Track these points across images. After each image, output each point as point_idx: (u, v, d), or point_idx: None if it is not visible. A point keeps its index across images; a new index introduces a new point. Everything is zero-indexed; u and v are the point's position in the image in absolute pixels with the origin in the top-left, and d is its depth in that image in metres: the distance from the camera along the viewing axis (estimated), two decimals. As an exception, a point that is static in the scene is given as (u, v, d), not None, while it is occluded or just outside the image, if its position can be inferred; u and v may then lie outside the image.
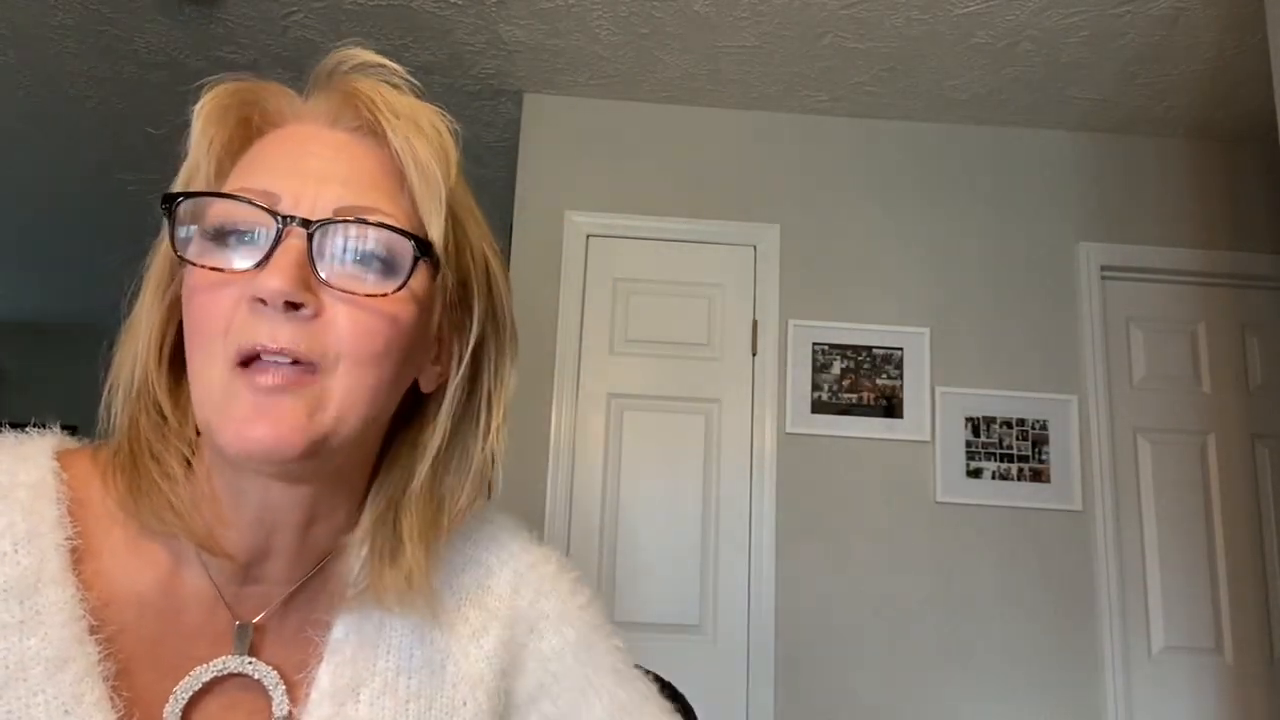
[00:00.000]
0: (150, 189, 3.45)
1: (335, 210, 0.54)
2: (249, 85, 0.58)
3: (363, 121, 0.57)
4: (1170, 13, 2.31)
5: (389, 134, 0.56)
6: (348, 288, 0.53)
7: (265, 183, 0.54)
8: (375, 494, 0.61)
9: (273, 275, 0.51)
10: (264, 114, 0.58)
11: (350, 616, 0.61)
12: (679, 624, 2.52)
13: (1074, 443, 2.65)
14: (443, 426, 0.61)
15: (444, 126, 0.58)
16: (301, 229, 0.52)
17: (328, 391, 0.53)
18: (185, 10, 2.42)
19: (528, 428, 2.56)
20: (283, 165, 0.55)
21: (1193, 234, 2.83)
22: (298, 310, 0.52)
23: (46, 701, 0.51)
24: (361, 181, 0.55)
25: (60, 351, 5.53)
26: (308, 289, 0.52)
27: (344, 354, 0.53)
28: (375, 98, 0.57)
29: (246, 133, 0.58)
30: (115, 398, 0.58)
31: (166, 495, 0.55)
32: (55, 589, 0.53)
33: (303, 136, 0.57)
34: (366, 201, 0.55)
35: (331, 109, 0.58)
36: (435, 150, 0.57)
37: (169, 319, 0.58)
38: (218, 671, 0.57)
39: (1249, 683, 2.61)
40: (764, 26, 2.43)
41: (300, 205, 0.53)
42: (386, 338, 0.54)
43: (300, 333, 0.52)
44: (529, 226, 2.72)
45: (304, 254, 0.52)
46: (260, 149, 0.57)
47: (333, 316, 0.53)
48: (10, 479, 0.55)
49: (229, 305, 0.52)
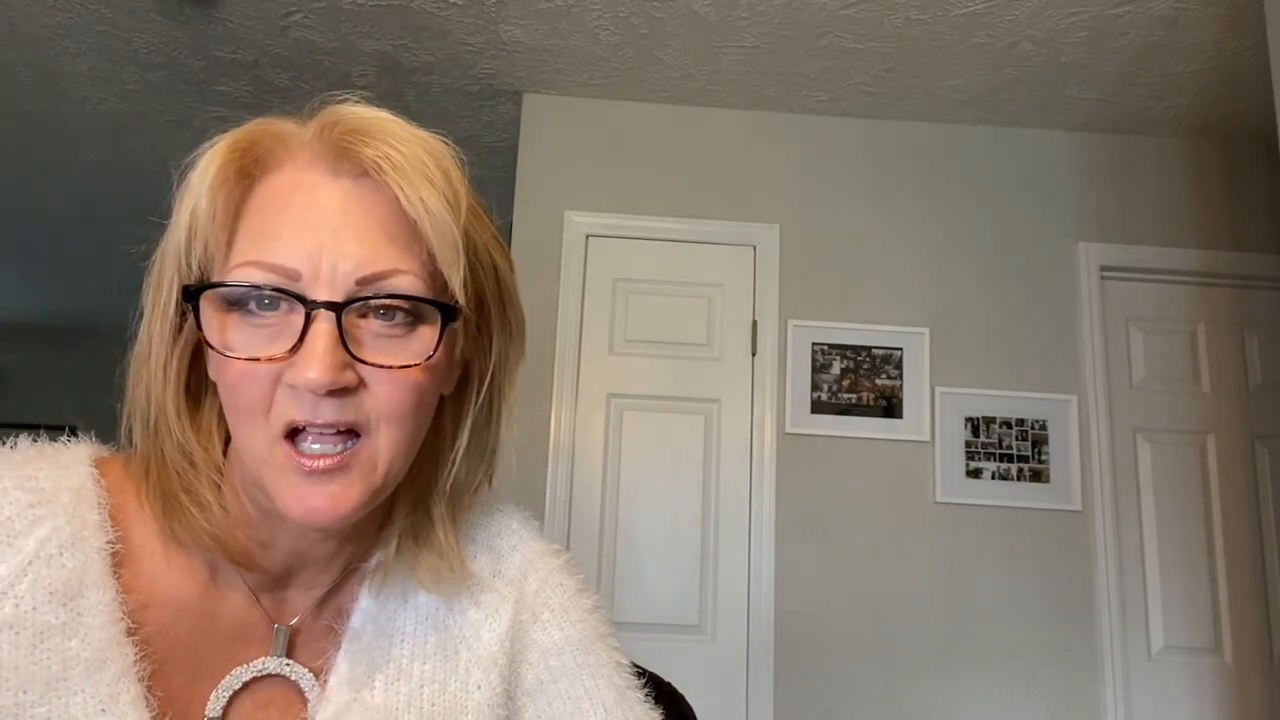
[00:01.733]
0: (151, 188, 3.45)
1: (357, 281, 0.53)
2: (243, 137, 0.56)
3: (362, 169, 0.55)
4: (1170, 13, 2.31)
5: (399, 196, 0.54)
6: (381, 362, 0.54)
7: (279, 254, 0.53)
8: (404, 496, 0.63)
9: (310, 367, 0.51)
10: (257, 158, 0.56)
11: (367, 605, 0.63)
12: (679, 624, 2.52)
13: (1074, 443, 2.65)
14: (466, 429, 0.64)
15: (450, 163, 0.58)
16: (329, 312, 0.52)
17: (373, 453, 0.55)
18: (185, 10, 2.42)
19: (528, 428, 2.55)
20: (293, 232, 0.54)
21: (1192, 234, 2.83)
22: (340, 393, 0.53)
23: (85, 701, 0.52)
24: (375, 239, 0.54)
25: (60, 351, 5.54)
26: (344, 369, 0.52)
27: (383, 417, 0.55)
28: (380, 161, 0.55)
29: (245, 181, 0.56)
30: (134, 426, 0.58)
31: (202, 523, 0.56)
32: (97, 592, 0.54)
33: (307, 189, 0.55)
34: (386, 264, 0.54)
35: (331, 154, 0.56)
36: (445, 198, 0.55)
37: (183, 355, 0.58)
38: (257, 672, 0.59)
39: (1248, 683, 2.61)
40: (764, 26, 2.43)
41: (320, 279, 0.53)
42: (420, 395, 0.56)
43: (343, 408, 0.53)
44: (529, 226, 2.72)
45: (335, 338, 0.52)
46: (264, 205, 0.55)
47: (369, 386, 0.54)
48: (54, 484, 0.56)
49: (267, 386, 0.53)
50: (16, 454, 0.57)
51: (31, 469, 0.56)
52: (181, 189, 0.56)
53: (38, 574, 0.52)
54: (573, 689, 0.67)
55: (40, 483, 0.55)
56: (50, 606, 0.52)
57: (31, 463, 0.56)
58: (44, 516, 0.54)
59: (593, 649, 0.68)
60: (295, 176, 0.56)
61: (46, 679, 0.51)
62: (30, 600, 0.52)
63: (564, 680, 0.67)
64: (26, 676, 0.51)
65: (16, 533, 0.53)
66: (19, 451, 0.57)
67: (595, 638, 0.69)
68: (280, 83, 2.75)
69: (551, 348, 2.63)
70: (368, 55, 2.60)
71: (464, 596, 0.66)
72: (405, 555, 0.63)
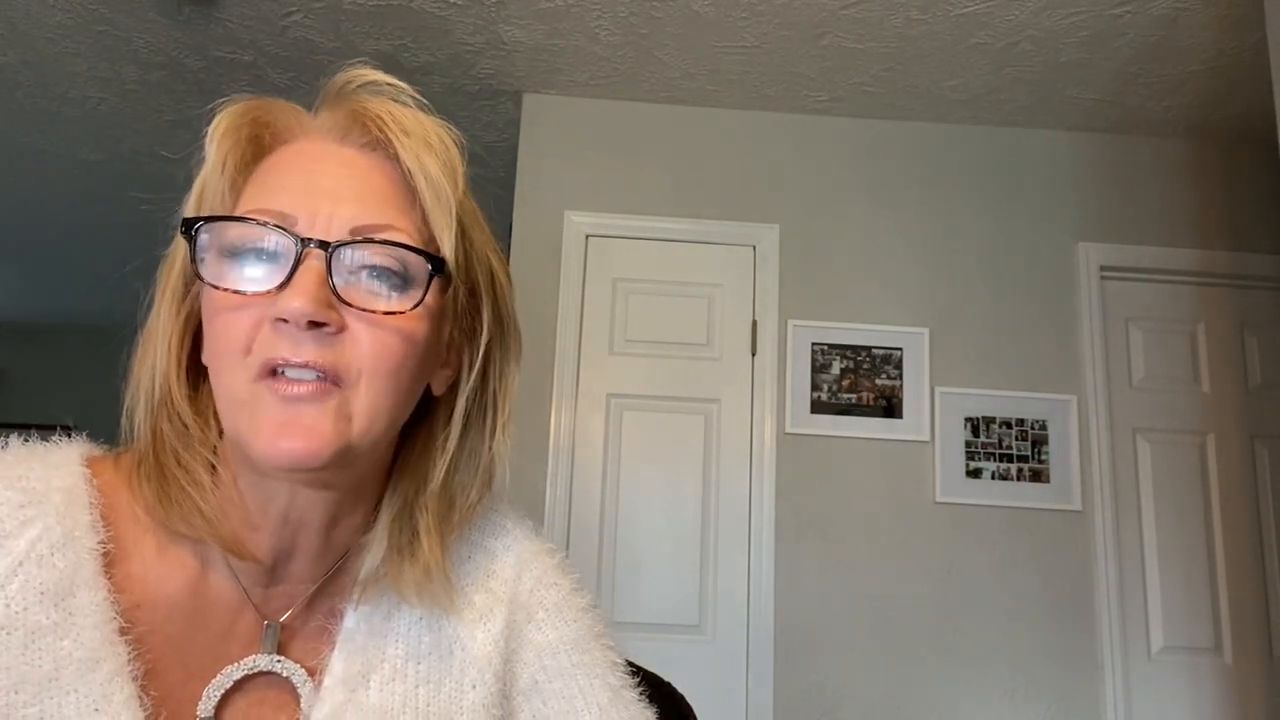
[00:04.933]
0: (150, 190, 3.45)
1: (351, 230, 0.56)
2: (259, 104, 0.60)
3: (371, 138, 0.59)
4: (1170, 13, 2.31)
5: (400, 152, 0.58)
6: (366, 305, 0.55)
7: (281, 203, 0.56)
8: (392, 494, 0.64)
9: (295, 296, 0.52)
10: (274, 131, 0.60)
11: (362, 607, 0.63)
12: (678, 624, 2.52)
13: (1073, 443, 2.65)
14: (456, 429, 0.64)
15: (450, 140, 0.61)
16: (320, 250, 0.54)
17: (351, 404, 0.55)
18: (185, 10, 2.42)
19: (528, 428, 2.56)
20: (297, 185, 0.56)
21: (1192, 234, 2.83)
22: (320, 328, 0.53)
23: (77, 701, 0.52)
24: (374, 198, 0.57)
25: (60, 351, 5.54)
26: (329, 307, 0.54)
27: (364, 369, 0.55)
28: (385, 116, 0.58)
29: (257, 149, 0.60)
30: (136, 408, 0.59)
31: (196, 502, 0.57)
32: (89, 592, 0.54)
33: (314, 153, 0.58)
34: (380, 219, 0.56)
35: (340, 126, 0.59)
36: (444, 165, 0.59)
37: (186, 330, 0.60)
38: (248, 670, 0.59)
39: (1248, 683, 2.61)
40: (764, 26, 2.43)
41: (316, 226, 0.55)
42: (404, 353, 0.57)
43: (323, 348, 0.54)
44: (528, 226, 2.72)
45: (323, 274, 0.54)
46: (272, 166, 0.59)
47: (352, 333, 0.55)
48: (45, 485, 0.56)
49: (250, 325, 0.54)
50: (7, 454, 0.57)
51: (22, 469, 0.56)
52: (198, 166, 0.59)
53: (29, 574, 0.52)
54: (567, 688, 0.67)
55: (31, 483, 0.55)
56: (42, 607, 0.52)
57: (22, 463, 0.56)
58: (35, 517, 0.54)
59: (587, 648, 0.68)
60: (304, 145, 0.59)
61: (38, 679, 0.51)
62: (21, 601, 0.52)
63: (559, 680, 0.67)
64: (18, 677, 0.51)
65: (7, 533, 0.53)
66: (10, 451, 0.57)
67: (590, 637, 0.69)
68: (280, 83, 2.75)
69: (551, 348, 2.63)
70: (368, 55, 2.59)
71: (449, 605, 0.65)
72: (391, 570, 0.62)
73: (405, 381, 0.57)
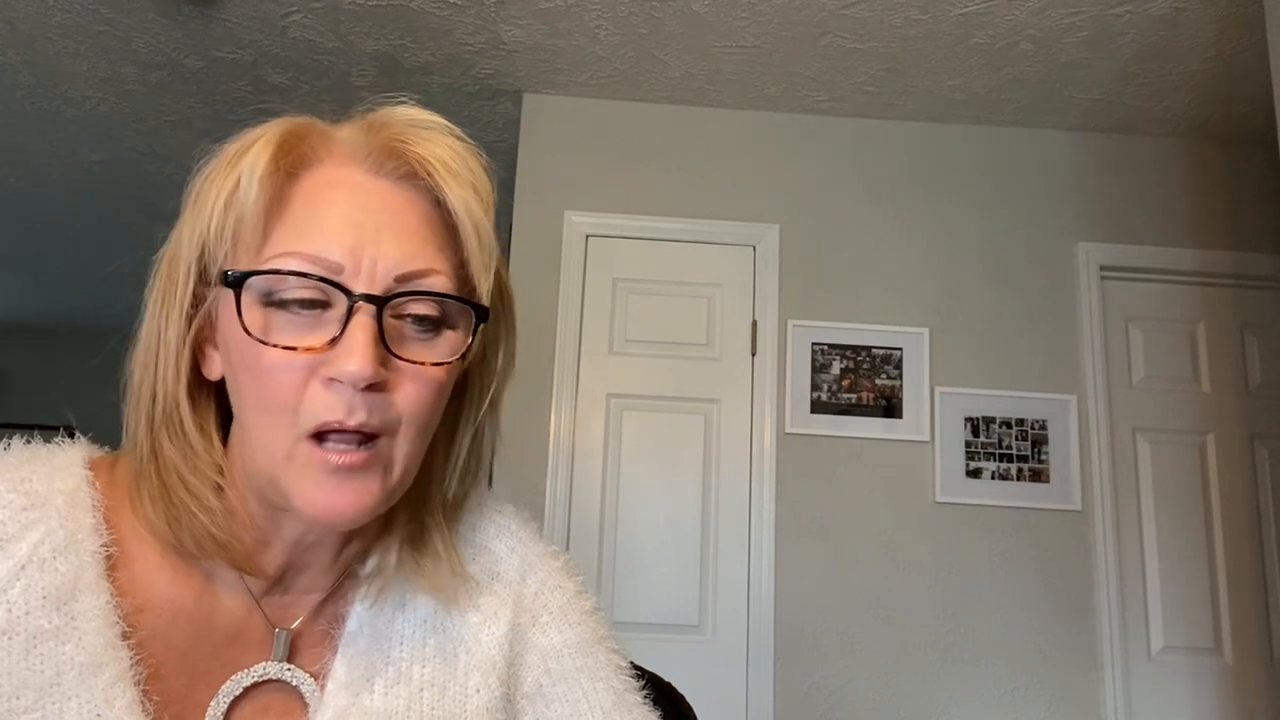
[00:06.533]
0: (151, 188, 3.45)
1: (396, 278, 0.55)
2: (291, 131, 0.57)
3: (406, 170, 0.58)
4: (1170, 13, 2.31)
5: (448, 197, 0.57)
6: (415, 358, 0.55)
7: (321, 247, 0.54)
8: (403, 501, 0.63)
9: (351, 358, 0.52)
10: (303, 158, 0.57)
11: (364, 610, 0.63)
12: (678, 624, 2.52)
13: (1073, 443, 2.65)
14: (468, 437, 0.65)
15: (483, 170, 0.60)
16: (370, 305, 0.53)
17: (392, 455, 0.55)
18: (184, 10, 2.42)
19: (528, 428, 2.56)
20: (336, 226, 0.54)
21: (1192, 234, 2.83)
22: (373, 389, 0.53)
23: (79, 706, 0.51)
24: (411, 239, 0.56)
25: (60, 351, 5.54)
26: (382, 366, 0.53)
27: (404, 417, 0.55)
28: (431, 159, 0.57)
29: (285, 176, 0.57)
30: (136, 420, 0.58)
31: (207, 526, 0.56)
32: (91, 596, 0.53)
33: (348, 186, 0.56)
34: (422, 264, 0.56)
35: (374, 154, 0.58)
36: (486, 209, 0.58)
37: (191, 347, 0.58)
38: (258, 677, 0.58)
39: (1248, 683, 2.61)
40: (764, 26, 2.43)
41: (361, 274, 0.54)
42: (440, 399, 0.58)
43: (373, 408, 0.53)
44: (528, 226, 2.72)
45: (375, 332, 0.53)
46: (306, 200, 0.56)
47: (398, 386, 0.55)
48: (48, 487, 0.55)
49: (299, 381, 0.53)
50: (10, 456, 0.56)
51: (25, 471, 0.55)
52: (202, 182, 0.57)
53: (31, 578, 0.52)
54: (571, 692, 0.66)
55: (33, 485, 0.55)
56: (44, 611, 0.52)
57: (25, 465, 0.56)
58: (37, 520, 0.53)
59: (591, 652, 0.68)
60: (336, 173, 0.57)
61: (40, 684, 0.51)
62: (23, 605, 0.51)
63: (563, 684, 0.66)
64: (20, 682, 0.51)
65: (9, 537, 0.53)
66: (12, 453, 0.57)
67: (594, 640, 0.69)
68: (280, 83, 2.75)
69: (551, 348, 2.63)
70: (368, 55, 2.60)
71: (463, 599, 0.65)
72: (404, 563, 0.63)
73: (436, 421, 0.59)
